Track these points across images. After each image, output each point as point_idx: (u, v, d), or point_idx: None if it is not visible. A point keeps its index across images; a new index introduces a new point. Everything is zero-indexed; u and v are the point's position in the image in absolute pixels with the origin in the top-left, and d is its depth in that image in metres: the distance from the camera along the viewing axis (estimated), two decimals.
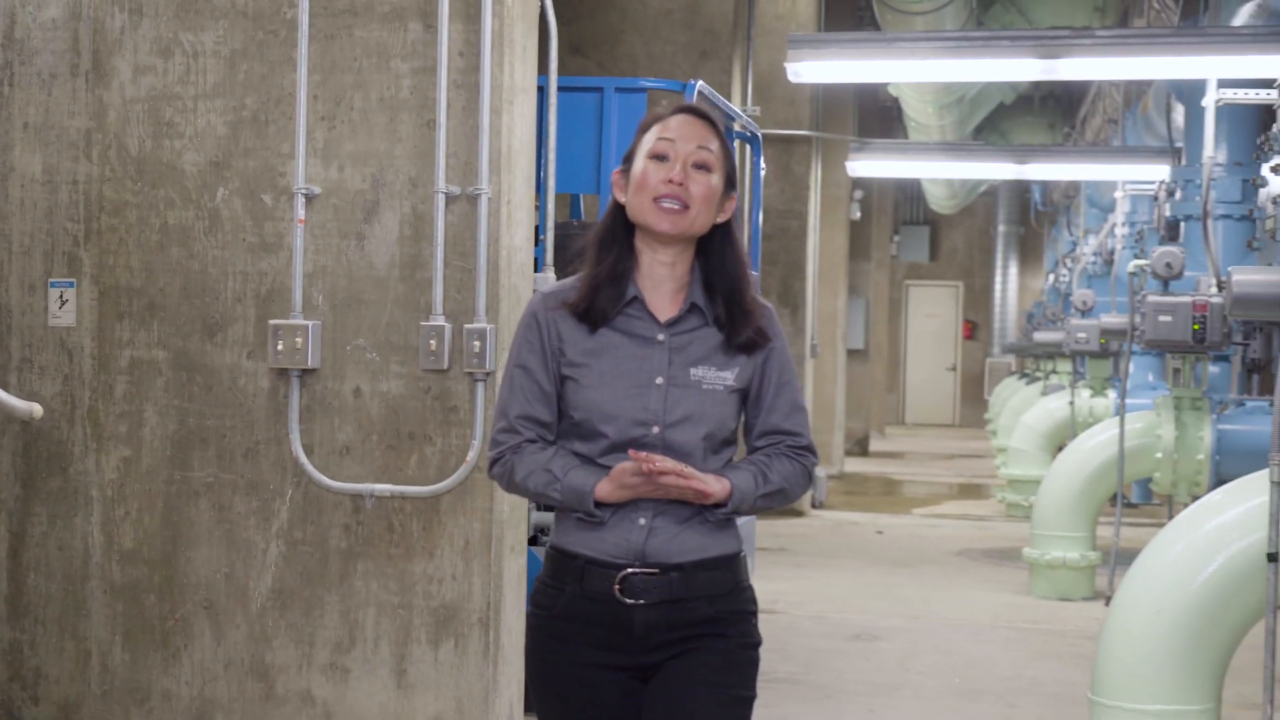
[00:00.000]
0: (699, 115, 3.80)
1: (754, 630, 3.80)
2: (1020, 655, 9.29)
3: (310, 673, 5.95)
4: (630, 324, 3.75)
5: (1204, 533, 5.99)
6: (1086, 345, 15.26)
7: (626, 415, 3.68)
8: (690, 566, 3.69)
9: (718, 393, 3.72)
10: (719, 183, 3.75)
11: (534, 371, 3.75)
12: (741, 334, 3.74)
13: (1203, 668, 5.84)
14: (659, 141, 3.73)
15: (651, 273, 3.77)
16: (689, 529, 3.69)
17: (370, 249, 5.89)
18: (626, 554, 3.68)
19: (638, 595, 3.67)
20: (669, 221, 3.68)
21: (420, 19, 5.85)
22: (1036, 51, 10.29)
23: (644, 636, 3.70)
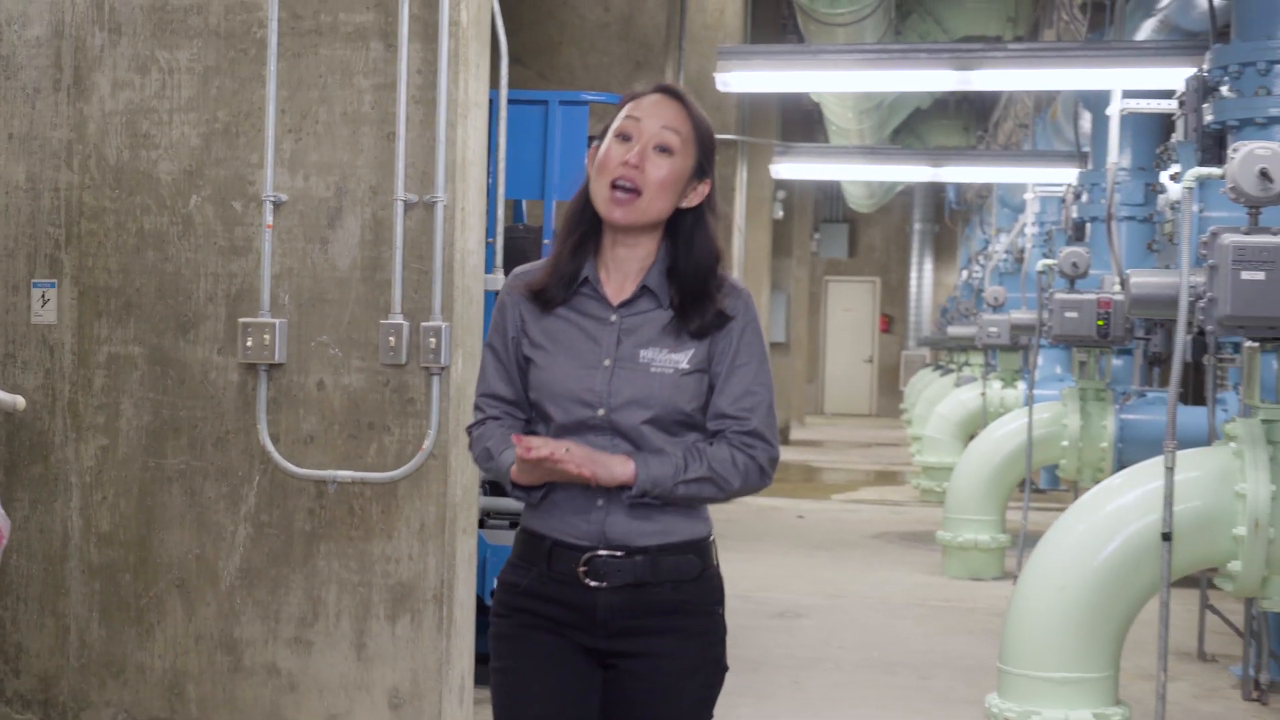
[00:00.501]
0: (673, 95, 3.63)
1: (720, 625, 3.66)
2: (934, 631, 9.60)
3: (276, 646, 6.19)
4: (583, 304, 3.62)
5: (1104, 514, 6.31)
6: (998, 339, 15.46)
7: (572, 397, 3.56)
8: (655, 550, 3.55)
9: (668, 376, 3.54)
10: (683, 166, 3.57)
11: (499, 352, 3.68)
12: (694, 320, 3.55)
13: (1102, 638, 6.16)
14: (626, 120, 3.59)
15: (614, 254, 3.63)
16: (651, 511, 3.54)
17: (334, 252, 6.13)
18: (589, 536, 3.56)
19: (602, 578, 3.55)
20: (619, 211, 3.54)
21: (381, 39, 6.10)
22: (952, 63, 10.61)
23: (606, 620, 3.57)
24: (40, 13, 6.31)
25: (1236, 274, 5.77)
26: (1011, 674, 6.22)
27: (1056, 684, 6.13)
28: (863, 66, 10.88)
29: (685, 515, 3.58)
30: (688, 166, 3.57)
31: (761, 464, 3.57)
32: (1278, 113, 7.51)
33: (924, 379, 24.62)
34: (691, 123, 3.59)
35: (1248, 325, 5.87)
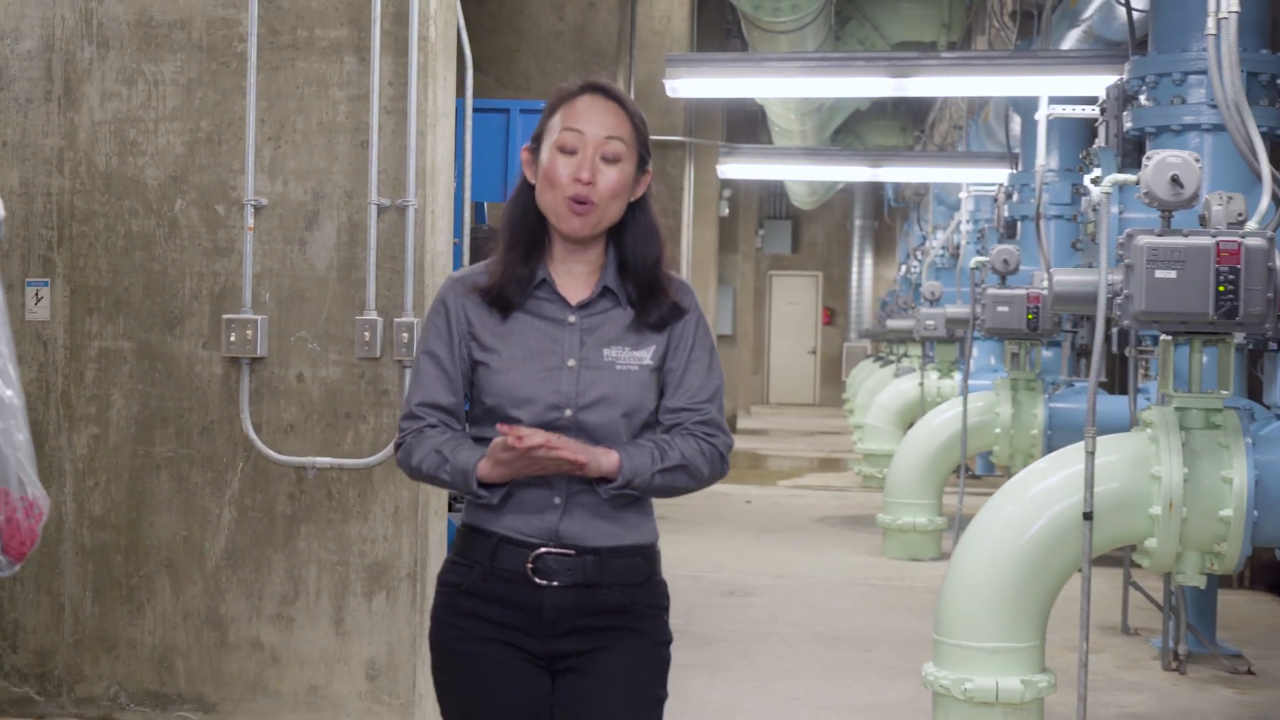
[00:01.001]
0: (607, 95, 3.49)
1: (665, 627, 3.55)
2: (875, 608, 9.88)
3: (259, 622, 6.43)
4: (541, 307, 3.48)
5: (1031, 495, 6.58)
6: (934, 332, 15.70)
7: (539, 399, 3.41)
8: (606, 551, 3.44)
9: (633, 373, 3.45)
10: (629, 169, 3.47)
11: (440, 359, 3.49)
12: (653, 312, 3.48)
13: (1029, 611, 6.43)
14: (566, 133, 3.43)
15: (564, 256, 3.50)
16: (605, 514, 3.45)
17: (311, 253, 6.38)
18: (540, 533, 3.43)
19: (550, 576, 3.42)
20: (578, 223, 3.42)
21: (355, 53, 6.34)
22: (888, 71, 10.91)
23: (552, 621, 3.43)
24: (32, 28, 6.52)
25: (1150, 273, 6.05)
26: (946, 644, 6.49)
27: (987, 653, 6.40)
28: (804, 74, 11.16)
29: (636, 520, 3.49)
30: (633, 168, 3.47)
31: (722, 452, 3.51)
32: (1192, 120, 7.78)
33: (865, 370, 24.87)
34: (631, 124, 3.48)
35: (1161, 320, 6.14)
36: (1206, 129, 7.76)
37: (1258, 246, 6.04)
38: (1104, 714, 7.19)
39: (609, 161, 3.42)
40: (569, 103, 3.46)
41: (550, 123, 3.47)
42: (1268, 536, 6.49)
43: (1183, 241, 6.08)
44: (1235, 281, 6.03)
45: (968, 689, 6.33)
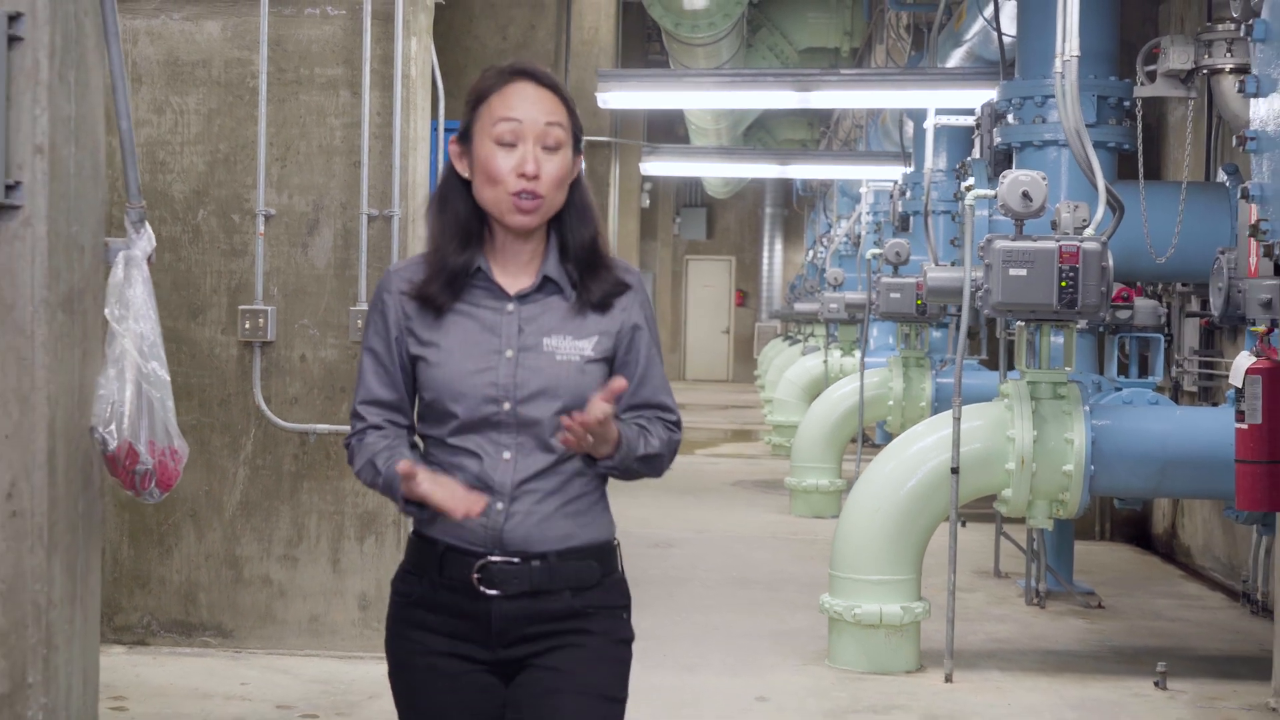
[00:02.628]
0: (539, 81, 3.21)
1: (624, 625, 3.30)
2: (783, 557, 10.99)
3: (269, 562, 7.46)
4: (477, 297, 3.23)
5: (909, 454, 7.70)
6: (837, 314, 16.58)
7: (475, 392, 3.17)
8: (554, 556, 3.20)
9: (574, 364, 3.20)
10: (570, 156, 3.22)
11: (379, 354, 3.26)
12: (595, 290, 3.24)
13: (907, 549, 7.55)
14: (503, 124, 3.14)
15: (503, 245, 3.24)
16: (552, 513, 3.20)
17: (312, 254, 7.40)
18: (485, 540, 3.17)
19: (496, 585, 3.17)
20: (526, 219, 3.17)
21: (349, 88, 7.36)
22: (794, 85, 11.95)
23: (502, 631, 3.19)
24: None
25: (1005, 271, 7.17)
26: (839, 577, 7.60)
27: (873, 584, 7.51)
28: (720, 88, 12.23)
29: (589, 517, 3.25)
30: (570, 153, 3.22)
31: (676, 447, 3.34)
32: (1051, 138, 8.85)
33: (775, 348, 25.83)
34: (565, 108, 3.22)
35: (1014, 310, 7.27)
36: (1063, 145, 8.81)
37: (1093, 250, 7.18)
38: (974, 639, 8.30)
39: (550, 150, 3.17)
40: (498, 91, 3.18)
41: (480, 112, 3.18)
42: (1103, 487, 7.66)
43: (1032, 245, 7.20)
44: (1075, 278, 7.17)
45: (856, 614, 7.46)
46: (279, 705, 6.57)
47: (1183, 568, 10.94)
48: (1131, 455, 7.56)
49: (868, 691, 7.15)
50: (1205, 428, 7.57)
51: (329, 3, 7.36)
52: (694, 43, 15.15)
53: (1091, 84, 8.98)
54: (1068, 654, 8.05)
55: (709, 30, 14.45)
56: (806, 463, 13.25)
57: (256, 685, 6.88)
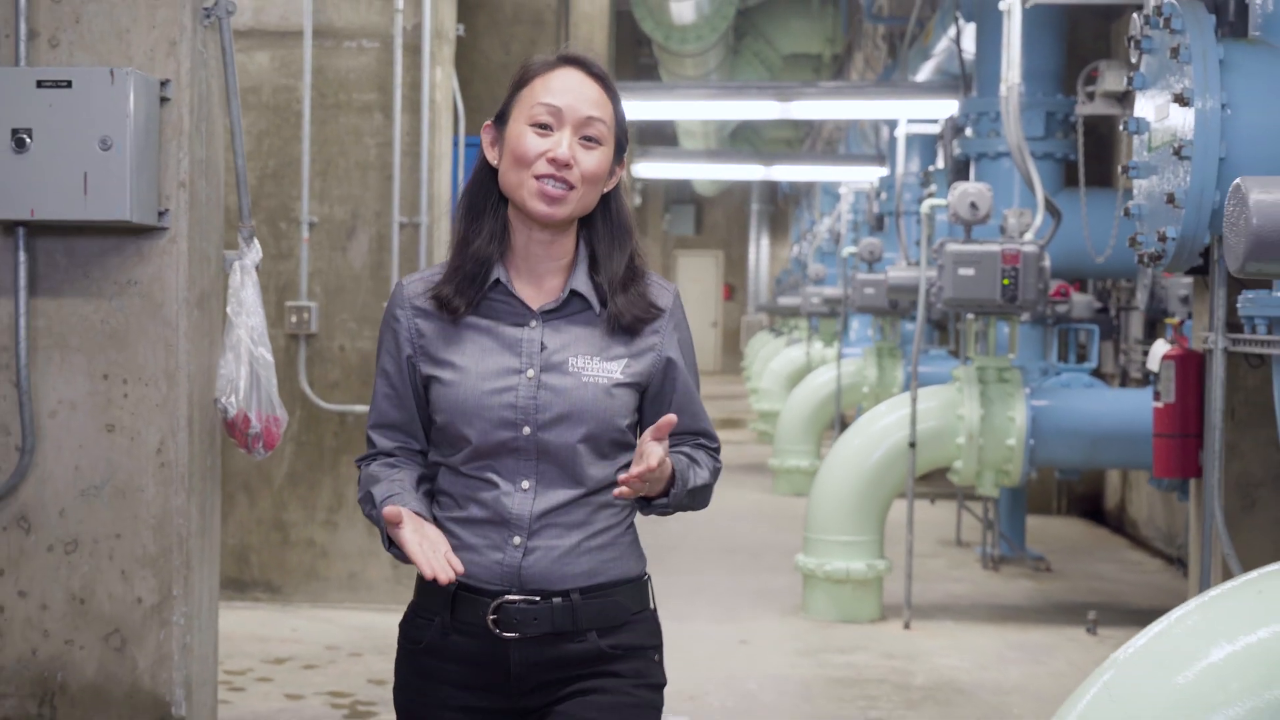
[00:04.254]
0: (589, 71, 2.96)
1: (656, 669, 3.02)
2: (765, 529, 12.11)
3: (313, 526, 8.57)
4: (496, 311, 2.97)
5: (874, 430, 8.82)
6: (818, 308, 17.85)
7: (490, 416, 2.91)
8: (577, 594, 2.93)
9: (600, 386, 2.93)
10: (609, 155, 2.95)
11: (390, 376, 3.02)
12: (627, 312, 2.96)
13: (871, 513, 8.67)
14: (540, 107, 2.89)
15: (527, 252, 2.97)
16: (575, 548, 2.94)
17: (350, 257, 8.50)
18: (501, 578, 2.91)
19: (514, 628, 2.90)
20: (551, 209, 2.89)
21: (382, 111, 8.46)
22: (776, 96, 13.09)
23: (522, 676, 2.93)
24: None
25: (955, 270, 8.29)
26: (812, 538, 8.72)
27: (841, 544, 8.63)
28: (708, 99, 13.37)
29: (615, 551, 2.98)
30: (611, 153, 2.96)
31: (719, 470, 3.12)
32: (1004, 150, 9.97)
33: (761, 340, 26.87)
34: (612, 104, 2.97)
35: (963, 305, 8.38)
36: None
37: (1032, 252, 8.30)
38: (933, 596, 9.41)
39: (588, 143, 2.91)
40: (543, 75, 2.94)
41: (520, 95, 2.95)
42: (1043, 459, 8.79)
43: (979, 248, 8.31)
44: (1016, 277, 8.29)
45: (827, 570, 8.58)
46: (327, 646, 7.67)
47: (1129, 538, 12.06)
48: (1067, 431, 8.70)
49: (836, 636, 8.27)
50: (1130, 407, 8.70)
51: (364, 36, 8.45)
52: (683, 54, 16.25)
53: (1041, 100, 10.13)
54: (1015, 608, 9.17)
55: (697, 42, 15.56)
56: (788, 445, 14.35)
57: (305, 631, 7.98)
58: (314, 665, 7.31)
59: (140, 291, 4.69)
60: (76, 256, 4.68)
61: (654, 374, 3.03)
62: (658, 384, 3.03)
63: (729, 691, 7.09)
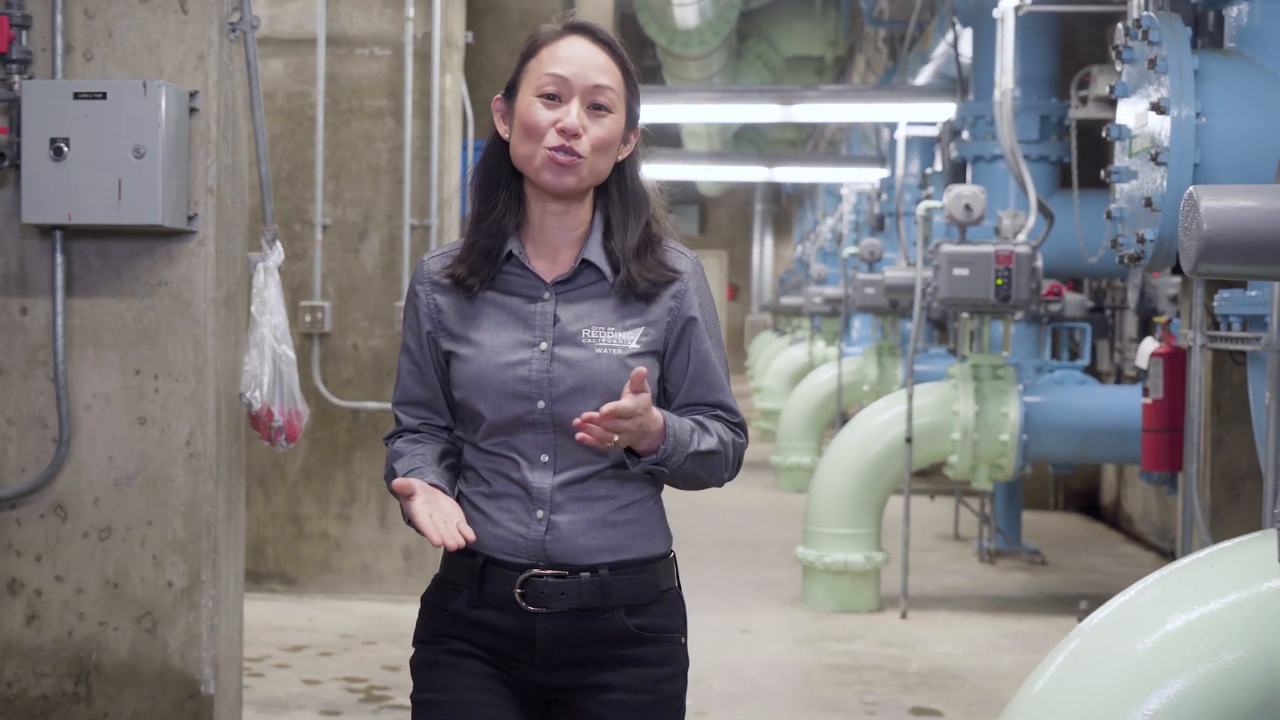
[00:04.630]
0: (595, 38, 2.95)
1: (680, 652, 3.02)
2: (766, 524, 12.39)
3: (327, 520, 8.83)
4: (510, 283, 2.98)
5: (872, 425, 9.09)
6: (820, 308, 18.14)
7: (504, 389, 2.93)
8: (604, 569, 2.93)
9: (615, 357, 2.93)
10: (620, 122, 2.94)
11: (413, 352, 3.06)
12: (640, 280, 2.95)
13: (870, 507, 8.94)
14: (547, 78, 2.89)
15: (541, 224, 2.98)
16: (600, 522, 2.94)
17: (363, 258, 8.77)
18: (527, 552, 2.93)
19: (542, 602, 2.92)
20: (560, 179, 2.89)
21: (393, 116, 8.73)
22: (778, 100, 13.35)
23: (548, 651, 2.94)
24: None
25: (950, 271, 8.55)
26: (811, 531, 8.99)
27: (840, 537, 8.90)
28: (711, 102, 13.63)
29: (642, 526, 2.98)
30: (623, 120, 2.96)
31: (741, 454, 3.07)
32: (1000, 152, 10.24)
33: (764, 340, 27.17)
34: (622, 71, 2.96)
35: (958, 304, 8.64)
36: None
37: (1024, 253, 8.56)
38: (930, 588, 9.68)
39: (598, 110, 2.91)
40: (550, 45, 2.94)
41: (528, 66, 2.95)
42: (1035, 454, 9.06)
43: (973, 249, 8.58)
44: (1009, 277, 8.55)
45: (826, 562, 8.85)
46: (342, 635, 7.94)
47: (1125, 533, 12.33)
48: (1059, 426, 8.97)
49: (834, 626, 8.54)
50: (1120, 403, 8.97)
51: (376, 44, 8.73)
52: (686, 57, 16.53)
53: (1036, 104, 10.39)
54: (1009, 599, 9.44)
55: (700, 46, 15.84)
56: (790, 442, 14.63)
57: (320, 621, 8.25)
58: (329, 653, 7.57)
59: (170, 291, 4.96)
60: (110, 258, 4.95)
61: (669, 339, 2.99)
62: (673, 349, 3.00)
63: (731, 677, 7.37)
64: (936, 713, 6.86)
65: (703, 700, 6.96)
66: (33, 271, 4.96)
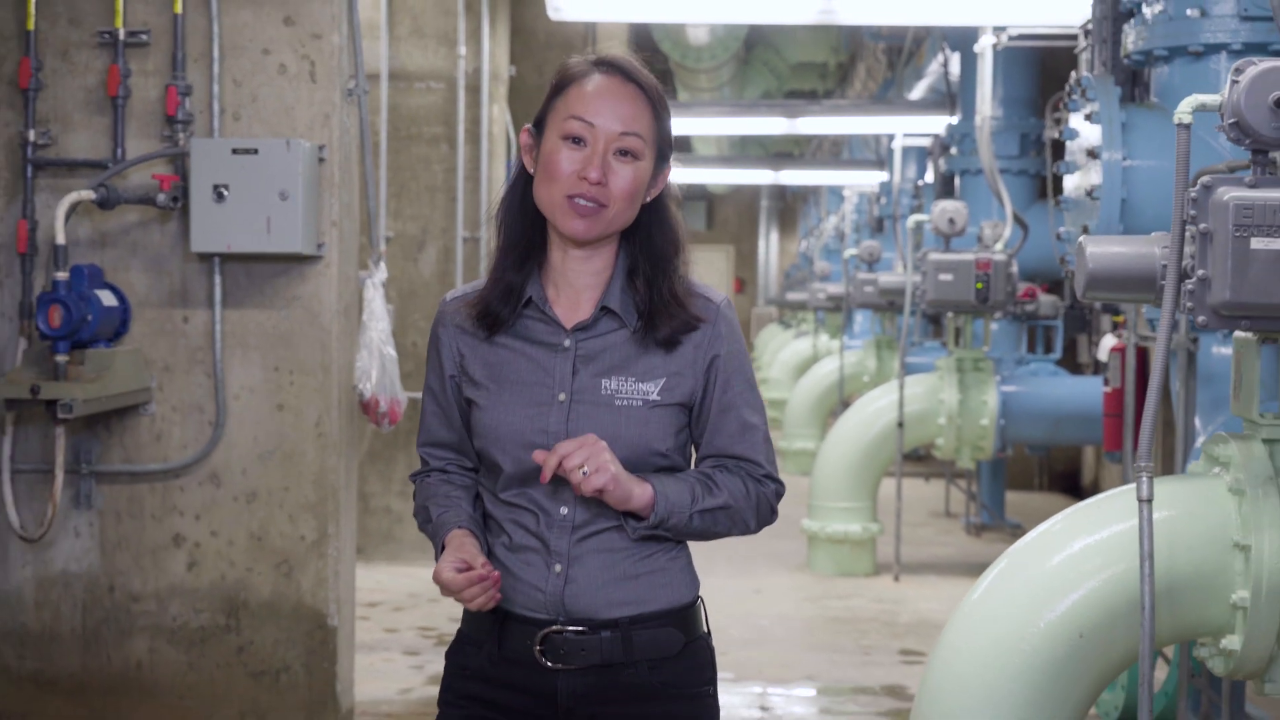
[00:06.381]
0: (627, 77, 2.89)
1: (710, 708, 3.00)
2: None
3: (389, 496, 10.15)
4: (530, 329, 2.94)
5: (868, 411, 10.39)
6: (824, 303, 19.28)
7: (522, 441, 2.89)
8: (626, 623, 2.90)
9: (635, 409, 2.89)
10: (647, 169, 2.88)
11: (437, 394, 3.06)
12: (663, 327, 2.88)
13: (866, 483, 10.25)
14: (574, 121, 2.84)
15: (563, 267, 2.94)
16: (620, 575, 2.91)
17: (421, 267, 10.08)
18: (546, 607, 2.90)
19: (562, 659, 2.89)
20: (582, 224, 2.85)
21: (448, 142, 10.04)
22: (784, 113, 14.65)
23: (570, 709, 2.92)
24: None
25: (936, 276, 9.85)
26: (815, 505, 10.31)
27: (840, 510, 10.22)
28: (721, 115, 14.95)
29: (665, 576, 2.93)
30: (650, 165, 2.90)
31: (772, 502, 3.04)
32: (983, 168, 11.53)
33: (771, 333, 28.25)
34: (652, 113, 2.90)
35: (944, 305, 9.95)
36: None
37: (1001, 260, 9.87)
38: (920, 557, 10.98)
39: (624, 156, 2.86)
40: (578, 82, 2.89)
41: (555, 105, 2.91)
42: (1013, 437, 10.38)
43: (955, 257, 9.88)
44: (988, 282, 9.85)
45: (828, 531, 10.17)
46: (409, 594, 9.26)
47: None
48: (1032, 412, 10.30)
49: (835, 587, 9.86)
50: (1086, 392, 10.29)
51: (432, 79, 10.04)
52: (698, 70, 17.79)
53: (1016, 124, 11.69)
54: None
55: (711, 61, 17.11)
56: (795, 429, 15.92)
57: (389, 584, 9.57)
58: (401, 608, 8.90)
59: (303, 304, 6.27)
60: (255, 278, 6.26)
61: (695, 389, 2.93)
62: (699, 398, 2.94)
63: (745, 627, 8.69)
64: (921, 653, 8.17)
65: (722, 644, 8.22)
66: (193, 288, 6.26)
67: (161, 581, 6.28)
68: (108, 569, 6.27)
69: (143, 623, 6.27)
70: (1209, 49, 6.14)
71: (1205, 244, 4.06)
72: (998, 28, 9.87)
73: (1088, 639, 4.36)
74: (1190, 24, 6.16)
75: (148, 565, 6.28)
